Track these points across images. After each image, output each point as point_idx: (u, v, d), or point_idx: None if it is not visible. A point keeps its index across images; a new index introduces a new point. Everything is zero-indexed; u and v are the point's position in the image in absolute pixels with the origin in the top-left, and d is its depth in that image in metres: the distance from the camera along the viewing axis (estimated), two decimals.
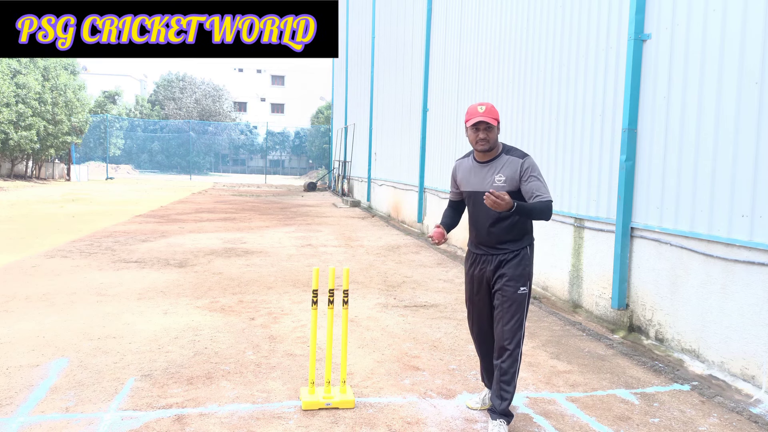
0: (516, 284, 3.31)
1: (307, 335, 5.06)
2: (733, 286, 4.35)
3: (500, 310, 3.32)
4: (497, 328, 3.33)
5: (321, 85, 55.64)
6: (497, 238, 3.34)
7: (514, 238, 3.35)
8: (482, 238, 3.40)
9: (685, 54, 4.87)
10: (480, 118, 3.25)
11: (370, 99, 19.39)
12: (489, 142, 3.30)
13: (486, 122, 3.26)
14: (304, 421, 3.44)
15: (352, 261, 8.91)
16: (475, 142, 3.32)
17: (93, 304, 5.94)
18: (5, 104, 25.01)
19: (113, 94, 45.93)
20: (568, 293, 6.65)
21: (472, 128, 3.30)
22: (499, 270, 3.34)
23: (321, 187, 29.84)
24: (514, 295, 3.30)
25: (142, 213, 15.36)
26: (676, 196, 4.94)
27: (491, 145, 3.31)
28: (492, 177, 3.33)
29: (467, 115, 3.33)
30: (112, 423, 3.35)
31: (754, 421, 3.65)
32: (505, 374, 3.29)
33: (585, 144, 6.34)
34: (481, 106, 3.28)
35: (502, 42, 8.56)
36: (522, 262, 3.34)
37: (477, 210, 3.40)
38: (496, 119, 3.28)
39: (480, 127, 3.28)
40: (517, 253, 3.34)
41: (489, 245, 3.38)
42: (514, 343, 3.28)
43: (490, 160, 3.37)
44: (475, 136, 3.31)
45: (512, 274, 3.30)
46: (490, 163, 3.37)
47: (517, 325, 3.29)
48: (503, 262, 3.33)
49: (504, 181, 3.29)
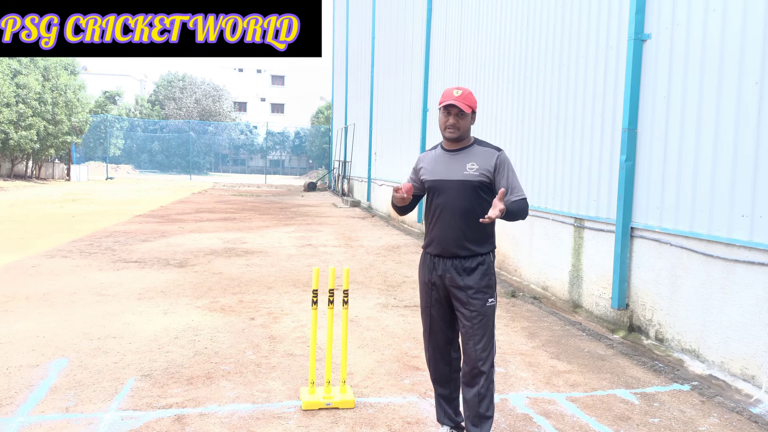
0: (484, 296, 2.95)
1: (307, 335, 5.06)
2: (733, 286, 4.35)
3: (469, 327, 2.93)
4: (467, 347, 2.95)
5: (321, 85, 55.63)
6: (463, 236, 2.95)
7: (479, 238, 2.98)
8: (445, 237, 2.98)
9: (685, 54, 4.87)
10: (452, 101, 2.90)
11: (370, 99, 19.39)
12: (459, 130, 2.96)
13: (458, 107, 2.91)
14: (304, 421, 3.44)
15: (352, 261, 8.91)
16: (444, 127, 2.98)
17: (93, 304, 5.94)
18: (5, 104, 25.01)
19: (114, 94, 45.93)
20: (568, 293, 6.65)
21: (443, 111, 2.96)
22: (463, 279, 2.95)
23: (321, 187, 29.84)
24: (483, 308, 2.94)
25: (142, 213, 15.36)
26: (676, 196, 4.94)
27: (461, 134, 2.98)
28: (463, 165, 2.98)
29: (441, 96, 2.98)
30: (112, 423, 3.35)
31: (754, 421, 3.65)
32: (483, 399, 2.94)
33: (585, 144, 6.34)
34: (457, 90, 2.94)
35: (502, 42, 8.56)
36: (488, 271, 2.99)
37: (443, 201, 3.00)
38: (471, 107, 2.94)
39: (451, 111, 2.94)
40: (482, 260, 2.97)
41: (452, 245, 2.96)
42: (488, 363, 2.94)
43: (460, 148, 3.04)
44: (444, 121, 2.96)
45: (479, 286, 2.94)
46: (460, 151, 3.03)
47: (489, 343, 2.95)
48: (468, 270, 2.95)
49: (476, 169, 2.95)
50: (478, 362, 2.93)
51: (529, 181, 7.60)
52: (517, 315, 6.04)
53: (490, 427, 3.00)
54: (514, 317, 5.94)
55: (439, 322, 3.10)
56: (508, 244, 8.25)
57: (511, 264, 8.18)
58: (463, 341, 2.99)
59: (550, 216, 7.08)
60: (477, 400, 2.95)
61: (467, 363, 2.98)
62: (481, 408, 2.96)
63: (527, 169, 7.68)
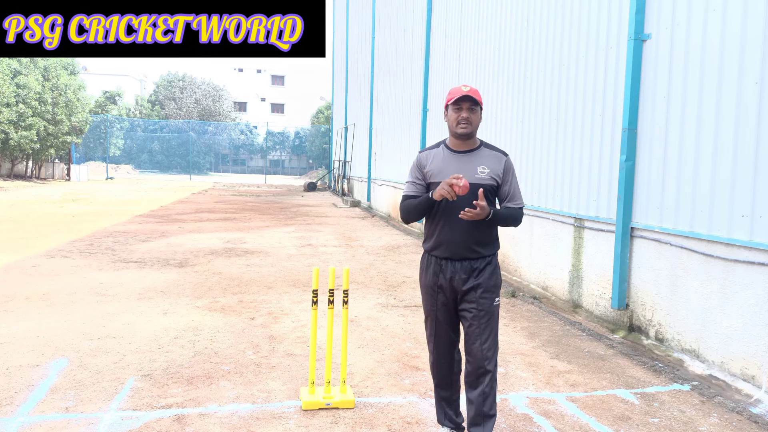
0: (492, 295, 3.00)
1: (307, 335, 5.06)
2: (733, 286, 4.35)
3: (476, 326, 2.97)
4: (473, 347, 2.97)
5: (321, 85, 55.64)
6: (473, 239, 2.97)
7: (488, 241, 3.02)
8: (454, 240, 2.98)
9: (685, 54, 4.87)
10: (465, 93, 2.91)
11: (370, 99, 19.39)
12: (471, 124, 2.95)
13: (472, 98, 2.91)
14: (304, 421, 3.44)
15: (352, 261, 8.92)
16: (456, 123, 2.95)
17: (93, 304, 5.94)
18: (5, 104, 25.01)
19: (114, 94, 45.94)
20: (568, 293, 6.65)
21: (454, 107, 2.95)
22: (473, 280, 2.98)
23: (321, 187, 29.84)
24: (491, 308, 2.99)
25: (142, 213, 15.36)
26: (676, 196, 4.94)
27: (473, 128, 2.96)
28: (474, 167, 2.97)
29: (449, 94, 2.98)
30: (112, 423, 3.35)
31: (754, 421, 3.65)
32: (487, 398, 2.97)
33: (585, 144, 6.34)
34: (465, 86, 2.96)
35: (502, 42, 8.56)
36: (495, 271, 3.04)
37: (452, 204, 2.95)
38: (480, 102, 2.97)
39: (464, 105, 2.93)
40: (490, 261, 3.03)
41: (462, 248, 2.98)
42: (493, 362, 2.98)
43: (469, 150, 3.02)
44: (456, 116, 2.94)
45: (488, 285, 2.99)
46: (469, 152, 3.01)
47: (495, 342, 2.99)
48: (476, 270, 2.99)
49: (487, 173, 2.97)
50: (484, 361, 2.95)
51: (529, 181, 7.61)
52: (517, 315, 6.04)
53: (492, 426, 3.01)
54: (514, 317, 5.94)
55: (444, 326, 3.10)
56: (508, 244, 8.25)
57: (511, 264, 8.18)
58: (469, 342, 3.00)
59: (550, 216, 7.08)
60: (482, 399, 2.97)
61: (472, 363, 2.99)
62: (485, 407, 2.98)
63: (527, 169, 7.68)
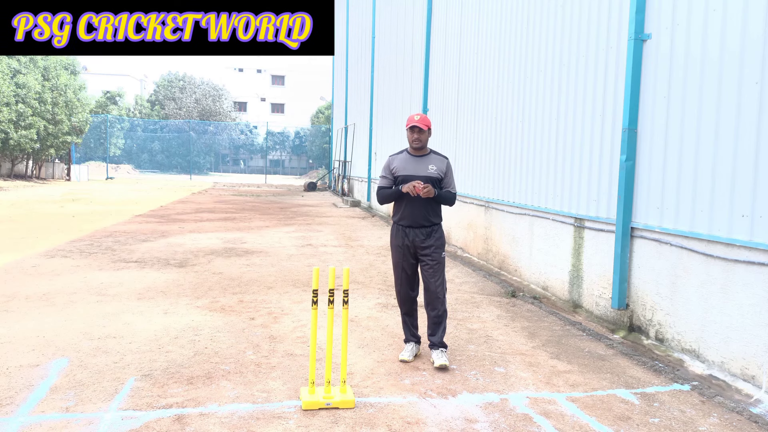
0: (440, 250, 4.52)
1: (307, 335, 5.06)
2: (733, 286, 4.35)
3: (432, 271, 4.44)
4: (430, 283, 4.45)
5: (321, 85, 55.63)
6: (426, 212, 4.44)
7: (435, 214, 4.52)
8: (414, 214, 4.43)
9: (686, 54, 4.87)
10: (415, 124, 4.39)
11: (371, 99, 19.39)
12: (421, 141, 4.46)
13: (419, 127, 4.41)
14: (304, 421, 3.44)
15: (352, 261, 8.92)
16: (411, 140, 4.48)
17: (93, 304, 5.94)
18: (5, 104, 24.99)
19: (115, 95, 45.93)
20: (568, 293, 6.65)
21: (409, 130, 4.45)
22: (428, 241, 4.45)
23: (321, 187, 29.84)
24: (440, 258, 4.50)
25: (142, 213, 15.36)
26: (676, 196, 4.94)
27: (422, 144, 4.48)
28: (426, 166, 4.48)
29: (407, 121, 4.46)
30: (112, 423, 3.35)
31: (754, 421, 3.65)
32: (440, 316, 4.47)
33: (585, 144, 6.34)
34: (416, 116, 4.42)
35: (502, 42, 8.56)
36: (441, 235, 4.58)
37: None
38: (427, 126, 4.42)
39: (414, 130, 4.43)
40: (437, 228, 4.51)
41: (419, 219, 4.44)
42: (443, 292, 4.48)
43: (422, 155, 4.54)
44: (411, 136, 4.46)
45: (438, 244, 4.48)
46: (423, 157, 4.53)
47: (443, 280, 4.49)
48: (431, 233, 4.46)
49: (435, 170, 4.47)
50: (438, 293, 4.46)
51: (529, 181, 7.61)
52: (517, 315, 6.04)
53: (443, 333, 4.48)
54: (514, 317, 5.94)
55: (407, 272, 4.57)
56: (508, 244, 8.26)
57: (511, 264, 8.18)
58: (426, 280, 4.48)
59: (550, 216, 7.08)
60: (435, 314, 4.48)
61: (431, 294, 4.47)
62: (438, 320, 4.49)
63: (527, 168, 7.68)
